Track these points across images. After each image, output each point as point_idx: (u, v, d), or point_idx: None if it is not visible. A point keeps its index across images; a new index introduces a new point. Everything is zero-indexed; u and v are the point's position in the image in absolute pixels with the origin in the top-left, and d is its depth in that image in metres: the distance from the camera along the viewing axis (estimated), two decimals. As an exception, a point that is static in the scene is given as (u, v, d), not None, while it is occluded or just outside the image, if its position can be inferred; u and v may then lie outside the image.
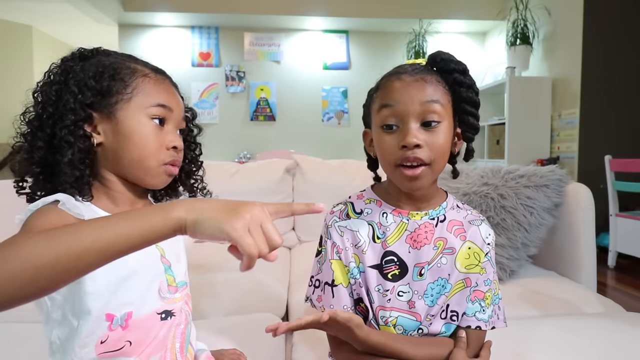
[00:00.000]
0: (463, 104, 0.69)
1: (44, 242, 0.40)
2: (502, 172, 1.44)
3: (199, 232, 0.44)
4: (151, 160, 0.64)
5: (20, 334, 1.01)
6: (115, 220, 0.43)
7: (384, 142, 0.68)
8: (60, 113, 0.61)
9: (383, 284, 0.72)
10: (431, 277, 0.72)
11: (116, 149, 0.63)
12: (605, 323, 1.07)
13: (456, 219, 0.75)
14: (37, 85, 0.64)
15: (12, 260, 0.38)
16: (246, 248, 0.42)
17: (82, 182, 0.61)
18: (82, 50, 0.66)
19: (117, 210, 0.65)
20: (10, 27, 4.90)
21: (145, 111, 0.63)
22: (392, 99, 0.67)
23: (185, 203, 0.45)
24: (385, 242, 0.73)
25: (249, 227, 0.43)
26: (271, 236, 0.44)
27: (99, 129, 0.63)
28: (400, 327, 0.72)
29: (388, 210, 0.74)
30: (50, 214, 0.56)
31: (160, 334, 0.64)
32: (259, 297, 1.27)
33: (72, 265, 0.40)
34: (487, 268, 0.74)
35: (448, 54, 0.70)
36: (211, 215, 0.44)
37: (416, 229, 0.73)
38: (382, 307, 0.72)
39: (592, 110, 3.35)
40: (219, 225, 0.43)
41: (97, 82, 0.62)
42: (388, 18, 4.45)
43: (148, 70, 0.67)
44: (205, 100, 4.68)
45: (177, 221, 0.44)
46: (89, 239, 0.41)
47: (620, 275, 2.81)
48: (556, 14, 3.62)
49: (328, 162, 1.96)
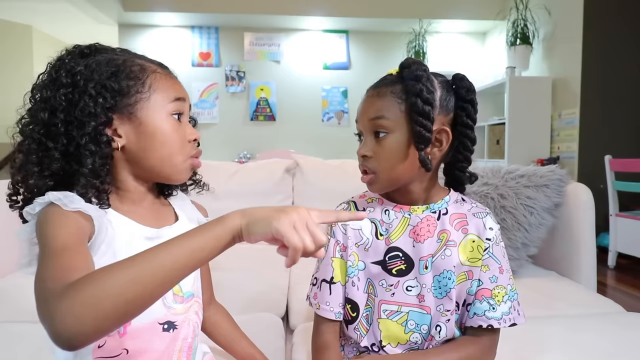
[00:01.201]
0: (412, 112, 0.68)
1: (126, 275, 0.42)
2: (502, 172, 1.44)
3: (252, 232, 0.48)
4: (179, 156, 0.64)
5: (20, 334, 1.01)
6: (186, 239, 0.47)
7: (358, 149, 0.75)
8: (76, 119, 0.57)
9: (387, 279, 0.74)
10: (436, 270, 0.73)
11: (140, 149, 0.61)
12: (605, 323, 1.07)
13: (459, 212, 0.76)
14: (34, 90, 0.60)
15: (103, 300, 0.40)
16: (292, 241, 0.46)
17: (100, 190, 0.58)
18: (81, 48, 0.62)
19: (128, 209, 0.63)
20: (10, 26, 4.90)
21: (165, 108, 0.62)
22: (358, 113, 0.75)
23: (238, 211, 0.50)
24: (388, 238, 0.75)
25: (295, 224, 0.47)
26: (316, 234, 0.47)
27: (120, 131, 0.60)
28: (412, 322, 0.73)
29: (390, 207, 0.76)
30: (67, 221, 0.54)
31: (160, 346, 0.61)
32: (259, 297, 1.27)
33: (159, 288, 0.44)
34: (490, 264, 0.73)
35: (409, 60, 0.71)
36: (261, 215, 0.48)
37: (418, 223, 0.74)
38: (386, 301, 0.74)
39: (592, 110, 3.35)
40: (269, 222, 0.47)
41: (114, 83, 0.59)
42: (388, 18, 4.45)
43: (153, 65, 0.65)
44: (205, 100, 4.68)
45: (234, 228, 0.48)
46: (169, 260, 0.44)
47: (620, 275, 2.81)
48: (556, 14, 3.62)
49: (328, 162, 1.96)
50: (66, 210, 0.54)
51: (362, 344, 0.75)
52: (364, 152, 0.73)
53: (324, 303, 0.76)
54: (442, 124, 0.71)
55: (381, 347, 0.74)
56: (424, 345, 0.74)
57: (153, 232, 0.63)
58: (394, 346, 0.74)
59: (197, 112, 4.66)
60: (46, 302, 0.41)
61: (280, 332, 1.08)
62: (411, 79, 0.68)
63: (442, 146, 0.72)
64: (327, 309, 0.76)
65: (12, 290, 1.24)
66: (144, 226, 0.63)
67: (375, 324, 0.74)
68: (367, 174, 0.73)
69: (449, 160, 0.78)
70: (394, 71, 0.73)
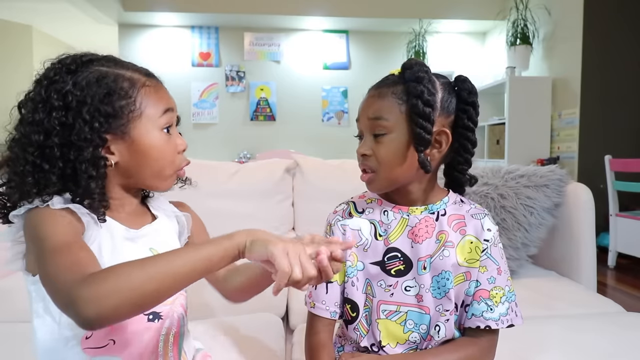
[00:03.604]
0: (412, 113, 0.68)
1: (145, 273, 0.47)
2: (502, 172, 1.44)
3: (252, 251, 0.52)
4: (169, 169, 0.66)
5: (20, 334, 1.00)
6: (199, 248, 0.52)
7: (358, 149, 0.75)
8: (71, 143, 0.57)
9: (385, 279, 0.74)
10: (434, 270, 0.73)
11: (133, 166, 0.63)
12: (605, 323, 1.07)
13: (457, 213, 0.76)
14: (21, 107, 0.60)
15: (123, 291, 0.46)
16: (281, 264, 0.50)
17: (97, 205, 0.59)
18: (66, 63, 0.61)
19: (110, 214, 0.63)
20: (10, 26, 4.90)
21: (156, 124, 0.64)
22: (359, 112, 0.76)
23: (245, 230, 0.55)
24: (387, 239, 0.75)
25: (289, 252, 0.51)
26: (306, 266, 0.51)
27: (113, 149, 0.62)
28: (411, 322, 0.73)
29: (389, 208, 0.76)
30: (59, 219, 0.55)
31: (146, 336, 0.63)
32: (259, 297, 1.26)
33: (172, 287, 0.49)
34: (488, 265, 0.73)
35: (411, 61, 0.71)
36: (262, 237, 0.53)
37: (417, 224, 0.74)
38: (384, 301, 0.74)
39: (592, 110, 3.35)
40: (266, 245, 0.51)
41: (107, 105, 0.59)
42: (388, 18, 4.45)
43: (142, 77, 0.64)
44: (205, 100, 4.68)
45: (239, 243, 0.53)
46: (182, 264, 0.50)
47: (620, 275, 2.81)
48: (556, 14, 3.62)
49: (328, 162, 1.95)
50: (53, 209, 0.56)
51: (362, 344, 0.76)
52: (363, 151, 0.73)
53: (320, 302, 0.76)
54: (442, 125, 0.71)
55: (381, 347, 0.74)
56: (422, 344, 0.74)
57: (133, 233, 0.65)
58: (394, 346, 0.74)
59: (197, 112, 4.66)
60: (69, 290, 0.45)
61: (280, 332, 1.08)
62: (412, 80, 0.68)
63: (442, 148, 0.72)
64: (322, 307, 0.76)
65: (12, 290, 1.24)
66: (126, 227, 0.65)
67: (374, 324, 0.74)
68: (367, 173, 0.74)
69: (449, 161, 0.78)
70: (396, 71, 0.73)
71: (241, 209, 1.76)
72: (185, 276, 0.50)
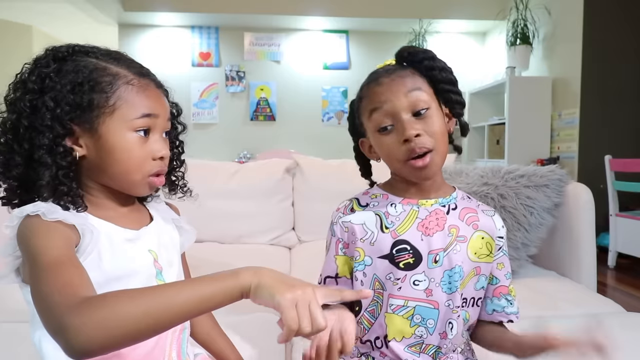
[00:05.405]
0: (441, 84, 0.71)
1: (139, 307, 0.45)
2: (502, 172, 1.44)
3: (257, 296, 0.49)
4: (136, 174, 0.62)
5: (20, 334, 1.00)
6: (199, 284, 0.49)
7: (385, 143, 0.71)
8: (36, 128, 0.56)
9: (394, 273, 0.72)
10: (448, 264, 0.72)
11: (99, 163, 0.61)
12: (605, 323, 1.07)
13: (469, 207, 0.77)
14: (9, 89, 0.60)
15: (115, 325, 0.43)
16: (288, 320, 0.47)
17: (72, 195, 0.58)
18: (55, 51, 0.61)
19: (104, 214, 0.62)
20: (10, 26, 4.90)
21: (129, 124, 0.60)
22: (378, 102, 0.71)
23: (252, 269, 0.51)
24: (394, 231, 0.73)
25: (297, 302, 0.48)
26: (316, 317, 0.48)
27: (81, 141, 0.60)
28: (418, 316, 0.72)
29: (396, 201, 0.75)
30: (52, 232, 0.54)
31: (150, 342, 0.62)
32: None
33: (167, 323, 0.47)
34: (505, 262, 0.77)
35: (412, 46, 0.75)
36: (269, 283, 0.49)
37: (427, 216, 0.74)
38: (392, 295, 0.72)
39: (592, 110, 3.35)
40: (273, 294, 0.48)
41: (75, 95, 0.57)
42: (388, 18, 4.45)
43: (131, 74, 0.62)
44: (205, 100, 4.68)
45: (244, 285, 0.49)
46: (179, 301, 0.47)
47: (620, 275, 2.81)
48: (556, 14, 3.62)
49: (328, 162, 1.96)
50: (46, 220, 0.54)
51: (365, 338, 0.75)
52: (417, 130, 0.68)
53: None
54: None
55: (386, 342, 0.73)
56: (430, 340, 0.73)
57: (132, 233, 0.64)
58: (399, 340, 0.73)
59: (197, 112, 4.66)
60: (60, 317, 0.44)
61: (281, 332, 1.08)
62: (424, 59, 0.71)
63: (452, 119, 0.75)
64: None
65: (12, 290, 1.24)
66: (124, 228, 0.63)
67: (382, 318, 0.73)
68: (425, 155, 0.68)
69: None
70: (391, 61, 0.76)
71: (241, 209, 1.76)
72: (183, 315, 0.48)
